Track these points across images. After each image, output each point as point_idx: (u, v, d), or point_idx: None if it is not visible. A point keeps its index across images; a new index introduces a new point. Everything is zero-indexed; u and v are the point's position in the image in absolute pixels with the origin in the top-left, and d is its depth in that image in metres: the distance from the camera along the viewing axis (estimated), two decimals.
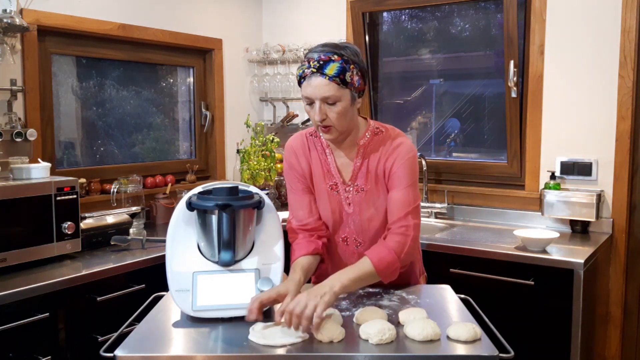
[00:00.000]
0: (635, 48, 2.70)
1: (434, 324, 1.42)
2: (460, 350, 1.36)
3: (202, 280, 1.57)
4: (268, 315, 1.55)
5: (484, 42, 3.27)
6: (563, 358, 2.37)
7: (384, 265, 1.64)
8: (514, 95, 2.99)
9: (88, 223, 2.49)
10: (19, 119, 2.54)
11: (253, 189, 1.66)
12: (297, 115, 3.76)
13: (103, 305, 2.19)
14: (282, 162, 3.41)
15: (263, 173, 3.42)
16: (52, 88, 2.80)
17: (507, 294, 2.46)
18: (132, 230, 2.71)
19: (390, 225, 1.72)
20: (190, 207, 1.57)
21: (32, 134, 2.49)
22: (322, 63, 1.62)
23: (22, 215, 2.16)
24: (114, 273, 2.25)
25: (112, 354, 1.32)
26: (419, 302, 1.71)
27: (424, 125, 3.54)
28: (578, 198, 2.75)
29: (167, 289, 1.60)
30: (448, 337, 1.41)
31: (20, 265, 2.15)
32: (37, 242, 2.21)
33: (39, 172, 2.29)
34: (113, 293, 2.23)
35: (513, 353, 1.35)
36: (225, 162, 3.69)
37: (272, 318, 1.53)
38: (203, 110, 3.60)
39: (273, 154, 3.49)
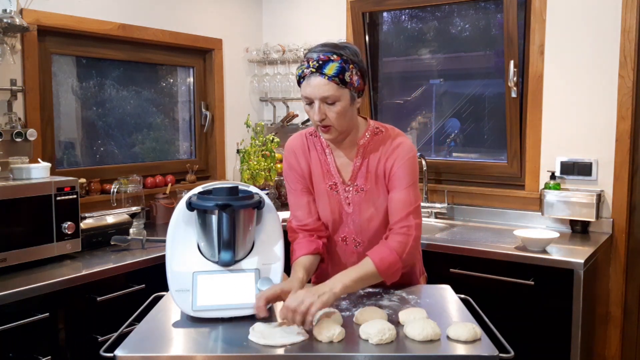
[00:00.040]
0: (635, 48, 2.70)
1: (434, 324, 1.42)
2: (460, 350, 1.36)
3: (202, 280, 1.57)
4: (268, 316, 1.55)
5: (484, 42, 3.27)
6: (563, 358, 2.37)
7: (386, 266, 1.64)
8: (514, 95, 2.99)
9: (88, 223, 2.49)
10: (19, 119, 2.54)
11: (253, 189, 1.66)
12: (297, 115, 3.76)
13: (103, 305, 2.19)
14: (282, 162, 3.40)
15: (263, 173, 3.42)
16: (52, 88, 2.80)
17: (507, 294, 2.46)
18: (132, 230, 2.71)
19: (392, 226, 1.72)
20: (190, 207, 1.57)
21: (32, 134, 2.49)
22: (321, 63, 1.63)
23: (22, 215, 2.16)
24: (114, 273, 2.26)
25: (112, 354, 1.32)
26: (419, 302, 1.71)
27: (424, 125, 3.54)
28: (578, 198, 2.75)
29: (167, 289, 1.60)
30: (448, 337, 1.41)
31: (20, 265, 2.15)
32: (37, 242, 2.21)
33: (39, 172, 2.29)
34: (113, 293, 2.23)
35: (513, 353, 1.35)
36: (225, 162, 3.69)
37: (272, 318, 1.53)
38: (203, 110, 3.60)
39: (273, 154, 3.49)
